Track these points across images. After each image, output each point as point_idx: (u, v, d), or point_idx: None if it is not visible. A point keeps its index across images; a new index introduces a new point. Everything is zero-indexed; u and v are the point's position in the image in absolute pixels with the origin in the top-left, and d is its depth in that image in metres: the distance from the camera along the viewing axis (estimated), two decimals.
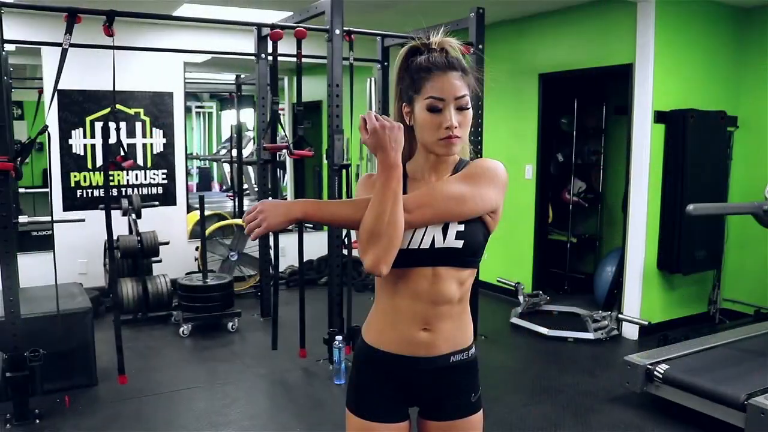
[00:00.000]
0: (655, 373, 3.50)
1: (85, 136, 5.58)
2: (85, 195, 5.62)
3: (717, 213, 4.63)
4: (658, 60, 4.57)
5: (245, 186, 7.41)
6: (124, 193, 5.67)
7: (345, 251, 4.27)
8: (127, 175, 5.80)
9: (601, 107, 6.03)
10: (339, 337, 3.96)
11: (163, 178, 5.98)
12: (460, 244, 1.48)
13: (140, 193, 5.81)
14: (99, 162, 5.60)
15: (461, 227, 1.49)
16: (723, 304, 5.20)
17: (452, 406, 1.59)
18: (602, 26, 5.07)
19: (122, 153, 3.72)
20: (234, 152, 7.27)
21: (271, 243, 4.71)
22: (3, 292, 3.24)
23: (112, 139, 3.65)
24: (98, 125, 5.47)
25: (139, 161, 5.85)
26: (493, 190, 1.51)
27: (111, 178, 5.70)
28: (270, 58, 4.37)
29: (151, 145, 5.89)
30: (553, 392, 3.86)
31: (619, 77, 5.13)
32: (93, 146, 5.58)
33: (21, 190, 6.49)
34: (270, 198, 4.59)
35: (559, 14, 5.37)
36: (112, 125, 3.55)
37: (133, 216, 5.17)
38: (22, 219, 3.94)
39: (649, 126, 4.61)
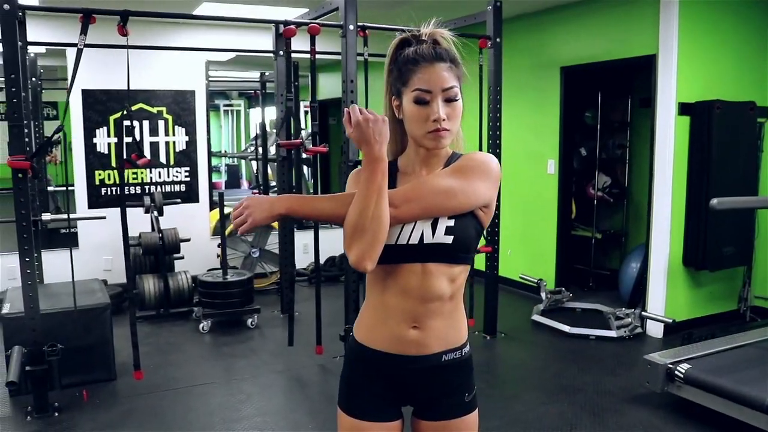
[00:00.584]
0: (676, 372, 3.39)
1: (108, 135, 5.68)
2: (109, 193, 5.71)
3: (743, 207, 4.48)
4: (683, 50, 4.43)
5: (272, 183, 7.45)
6: (147, 191, 5.75)
7: None
8: (150, 172, 5.88)
9: (626, 100, 5.90)
10: None
11: (185, 176, 6.04)
12: (449, 239, 1.45)
13: (163, 190, 5.87)
14: None
15: (451, 222, 1.45)
16: (754, 302, 5.02)
17: (445, 406, 1.56)
18: (624, 17, 4.93)
19: (138, 151, 3.76)
20: (260, 150, 7.31)
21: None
22: (23, 288, 3.30)
23: (131, 138, 3.70)
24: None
25: (162, 159, 5.92)
26: (484, 183, 1.47)
27: (135, 176, 5.80)
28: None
29: (174, 143, 5.96)
30: (572, 391, 3.79)
31: (645, 69, 5.00)
32: (117, 145, 5.66)
33: (50, 188, 6.66)
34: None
35: (579, 6, 5.25)
36: (128, 123, 3.60)
37: (155, 213, 5.24)
38: (45, 217, 4.00)
39: (673, 118, 4.48)
